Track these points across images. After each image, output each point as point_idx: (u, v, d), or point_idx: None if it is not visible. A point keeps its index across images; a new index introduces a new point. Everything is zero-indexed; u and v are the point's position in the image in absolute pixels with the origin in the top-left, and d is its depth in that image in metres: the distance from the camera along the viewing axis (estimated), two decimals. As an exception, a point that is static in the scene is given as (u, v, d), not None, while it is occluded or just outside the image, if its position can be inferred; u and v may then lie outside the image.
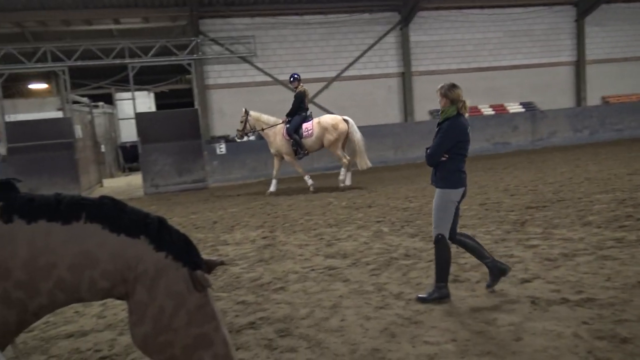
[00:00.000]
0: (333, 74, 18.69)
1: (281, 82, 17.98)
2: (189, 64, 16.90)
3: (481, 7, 19.72)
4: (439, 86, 4.82)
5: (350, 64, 18.86)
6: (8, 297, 2.02)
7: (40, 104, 17.34)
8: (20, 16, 15.90)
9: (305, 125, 12.19)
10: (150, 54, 16.52)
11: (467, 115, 4.81)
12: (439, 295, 4.77)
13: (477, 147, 17.46)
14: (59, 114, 16.80)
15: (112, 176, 21.24)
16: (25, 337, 4.62)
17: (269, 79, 18.03)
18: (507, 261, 5.47)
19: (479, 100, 19.19)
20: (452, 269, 5.23)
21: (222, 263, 2.29)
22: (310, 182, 12.40)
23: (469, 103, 4.83)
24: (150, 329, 2.08)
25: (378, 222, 8.36)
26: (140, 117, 15.31)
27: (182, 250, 2.13)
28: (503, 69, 20.14)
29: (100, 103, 21.14)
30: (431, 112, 19.36)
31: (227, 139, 16.67)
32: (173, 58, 16.72)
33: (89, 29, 17.67)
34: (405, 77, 19.30)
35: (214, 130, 17.45)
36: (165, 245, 2.11)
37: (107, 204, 2.12)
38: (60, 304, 2.13)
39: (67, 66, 15.70)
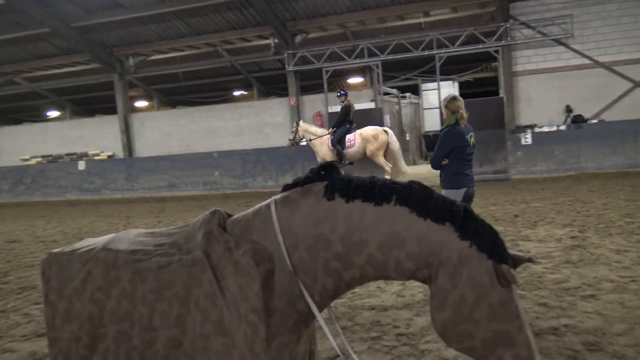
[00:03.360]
0: (674, 52, 15.56)
1: (603, 65, 15.88)
2: (496, 51, 16.39)
3: None
4: (443, 99, 5.57)
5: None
6: (328, 266, 2.26)
7: (356, 95, 19.24)
8: (344, 18, 17.89)
9: (348, 137, 13.07)
10: (457, 44, 16.62)
11: (464, 124, 5.37)
12: None
13: None
14: (372, 105, 18.34)
15: (414, 163, 22.28)
16: (336, 303, 5.19)
17: (587, 61, 16.10)
18: None
19: None
20: None
21: (529, 260, 2.11)
22: None
23: None
24: (450, 316, 2.05)
25: None
26: (444, 107, 15.58)
27: (488, 241, 2.03)
28: None
29: (408, 94, 22.33)
30: None
31: (533, 129, 15.65)
32: (480, 46, 16.45)
33: (400, 24, 18.78)
34: None
35: (520, 119, 16.58)
36: (470, 234, 2.04)
37: (416, 189, 2.17)
38: (369, 279, 2.28)
39: (380, 60, 17.02)
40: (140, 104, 30.46)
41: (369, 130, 13.14)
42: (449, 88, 22.45)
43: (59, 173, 20.67)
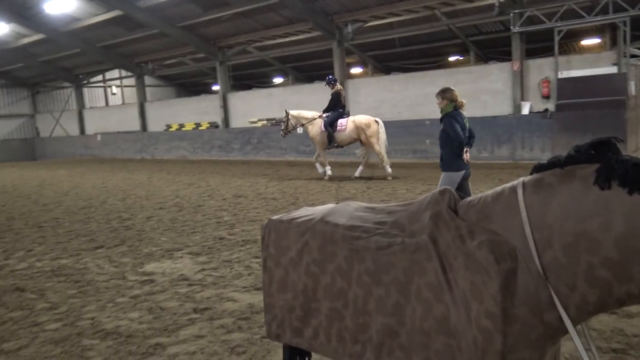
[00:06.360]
0: None
1: None
2: None
3: None
4: (438, 91, 6.38)
5: None
6: (592, 274, 1.74)
7: (594, 59, 16.73)
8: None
9: (340, 121, 13.78)
10: None
11: (464, 110, 6.42)
12: None
13: None
14: (614, 69, 15.79)
15: (661, 140, 18.88)
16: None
17: None
18: None
19: None
20: None
21: None
22: (329, 172, 14.13)
23: None
24: None
25: None
26: None
27: None
28: None
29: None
30: None
31: None
32: None
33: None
34: None
35: None
36: None
37: None
38: (656, 299, 1.70)
39: (629, 16, 14.45)
40: (355, 70, 31.29)
41: (362, 118, 13.78)
42: None
43: (280, 136, 22.40)
